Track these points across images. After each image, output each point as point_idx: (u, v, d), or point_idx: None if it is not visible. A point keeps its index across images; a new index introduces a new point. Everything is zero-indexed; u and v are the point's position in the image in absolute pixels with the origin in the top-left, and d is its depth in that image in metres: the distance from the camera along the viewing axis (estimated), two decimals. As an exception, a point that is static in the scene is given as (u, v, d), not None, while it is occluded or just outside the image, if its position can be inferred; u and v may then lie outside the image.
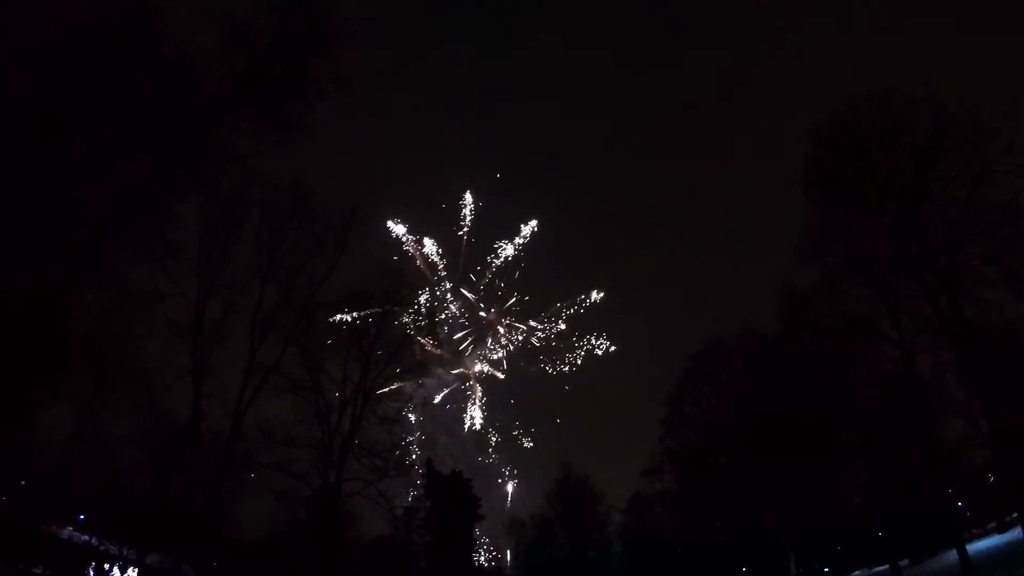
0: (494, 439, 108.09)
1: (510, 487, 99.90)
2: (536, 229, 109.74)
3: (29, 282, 29.08)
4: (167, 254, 34.81)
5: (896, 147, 39.58)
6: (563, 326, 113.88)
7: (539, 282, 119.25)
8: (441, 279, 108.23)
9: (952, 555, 39.51)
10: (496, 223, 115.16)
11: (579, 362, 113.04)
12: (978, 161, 35.78)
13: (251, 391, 43.15)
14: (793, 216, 43.98)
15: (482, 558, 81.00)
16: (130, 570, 50.39)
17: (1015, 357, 36.73)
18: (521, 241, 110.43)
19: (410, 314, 59.93)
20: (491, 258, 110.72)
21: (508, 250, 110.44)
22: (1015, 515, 41.23)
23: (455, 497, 68.34)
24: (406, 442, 57.69)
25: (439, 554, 66.04)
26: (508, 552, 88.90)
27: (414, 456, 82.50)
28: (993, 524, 53.46)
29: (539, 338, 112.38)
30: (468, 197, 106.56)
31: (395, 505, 55.75)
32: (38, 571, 44.54)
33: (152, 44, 30.56)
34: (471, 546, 69.37)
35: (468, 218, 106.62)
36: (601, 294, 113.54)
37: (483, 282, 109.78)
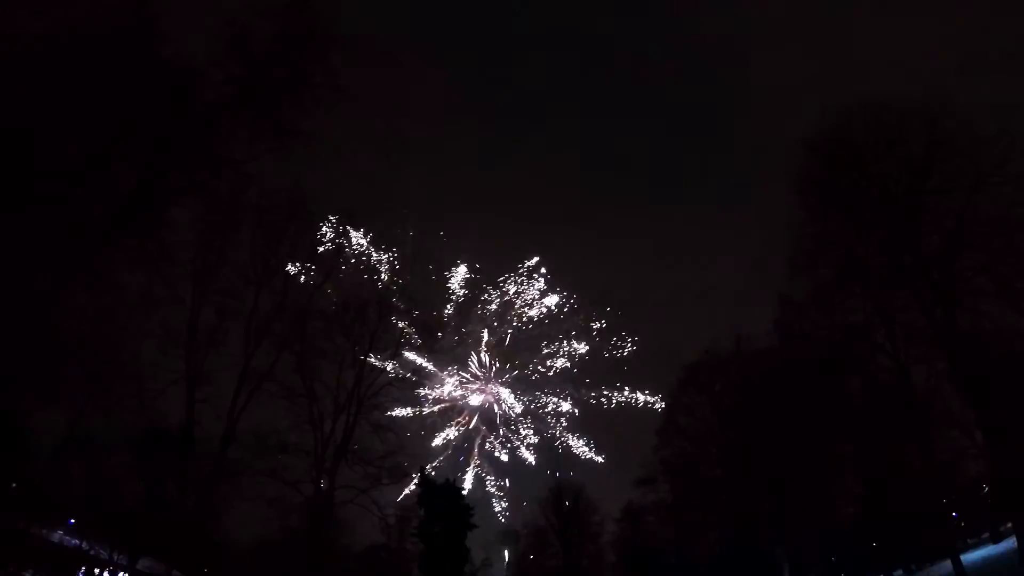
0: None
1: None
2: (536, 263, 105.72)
3: (23, 284, 29.00)
4: (162, 258, 34.68)
5: (890, 158, 39.87)
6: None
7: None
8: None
9: (946, 565, 39.49)
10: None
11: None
12: (972, 172, 36.14)
13: (245, 397, 43.07)
14: (788, 226, 44.29)
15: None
16: (120, 575, 50.02)
17: (1009, 368, 36.83)
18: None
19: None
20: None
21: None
22: (1009, 525, 41.24)
23: (448, 506, 67.87)
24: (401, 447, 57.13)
25: (432, 563, 65.53)
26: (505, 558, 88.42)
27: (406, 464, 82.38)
28: (987, 534, 53.52)
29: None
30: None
31: (388, 513, 55.52)
32: (27, 575, 44.19)
33: (151, 48, 30.65)
34: (464, 555, 68.79)
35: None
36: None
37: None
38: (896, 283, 40.07)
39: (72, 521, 49.46)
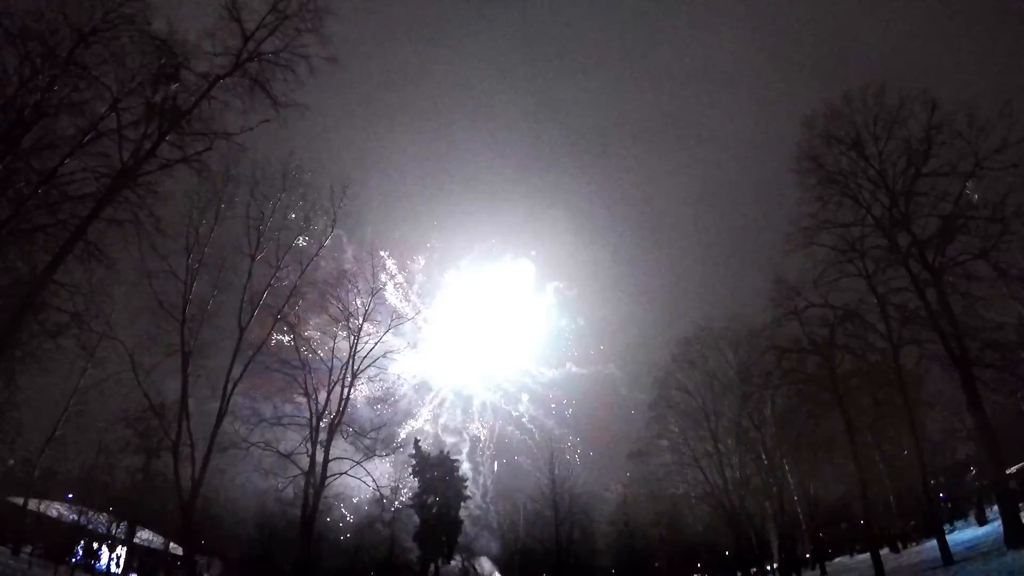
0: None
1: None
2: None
3: (17, 260, 28.86)
4: (156, 231, 34.53)
5: (890, 140, 39.76)
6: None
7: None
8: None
9: (932, 545, 40.03)
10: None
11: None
12: (971, 158, 36.03)
13: (239, 369, 43.04)
14: (785, 204, 44.17)
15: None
16: (119, 548, 50.50)
17: (1000, 353, 37.05)
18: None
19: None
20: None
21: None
22: (995, 508, 41.81)
23: (442, 476, 68.81)
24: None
25: (426, 533, 66.58)
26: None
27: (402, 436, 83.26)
28: (972, 516, 54.23)
29: None
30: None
31: (382, 484, 56.05)
32: (27, 551, 44.50)
33: (144, 20, 30.19)
34: (458, 525, 69.85)
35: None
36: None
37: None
38: (891, 264, 40.12)
39: (70, 496, 49.80)
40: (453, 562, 69.76)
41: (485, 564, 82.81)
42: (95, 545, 50.56)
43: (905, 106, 38.51)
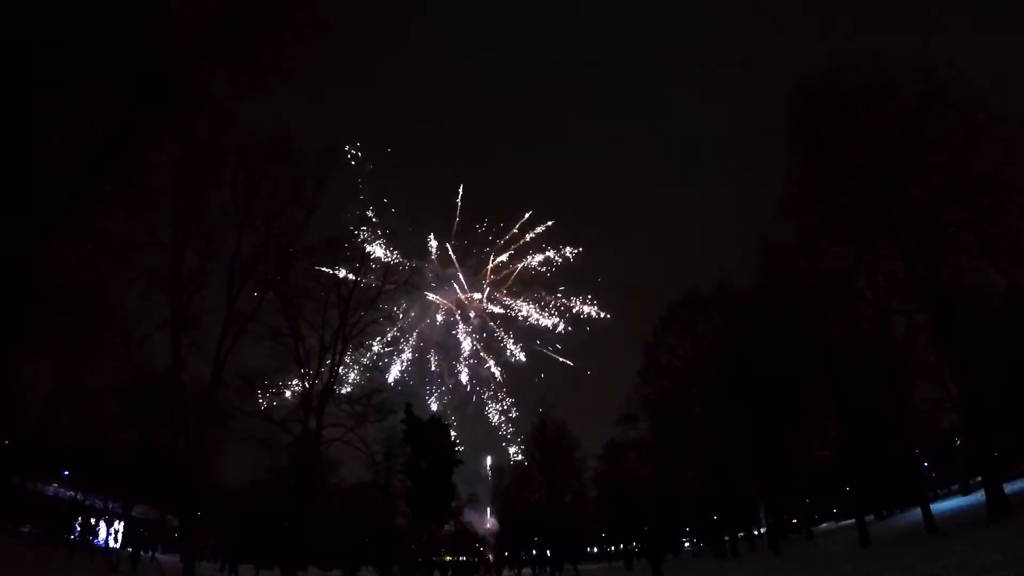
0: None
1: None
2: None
3: (3, 237, 28.38)
4: (143, 203, 34.01)
5: (882, 109, 39.50)
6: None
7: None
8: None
9: (916, 513, 40.79)
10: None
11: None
12: (964, 129, 35.83)
13: (231, 339, 42.79)
14: (776, 170, 44.00)
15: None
16: (116, 523, 50.73)
17: (987, 325, 37.45)
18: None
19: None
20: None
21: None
22: (979, 479, 42.58)
23: (434, 442, 68.95)
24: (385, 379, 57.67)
25: (419, 498, 67.04)
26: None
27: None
28: (957, 486, 55.05)
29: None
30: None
31: (375, 451, 56.55)
32: (25, 530, 44.65)
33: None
34: (450, 490, 70.53)
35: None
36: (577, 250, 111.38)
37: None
38: (881, 233, 40.18)
39: (66, 473, 49.90)
40: (447, 526, 70.65)
41: (478, 526, 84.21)
42: (92, 521, 50.81)
43: (899, 74, 38.23)
